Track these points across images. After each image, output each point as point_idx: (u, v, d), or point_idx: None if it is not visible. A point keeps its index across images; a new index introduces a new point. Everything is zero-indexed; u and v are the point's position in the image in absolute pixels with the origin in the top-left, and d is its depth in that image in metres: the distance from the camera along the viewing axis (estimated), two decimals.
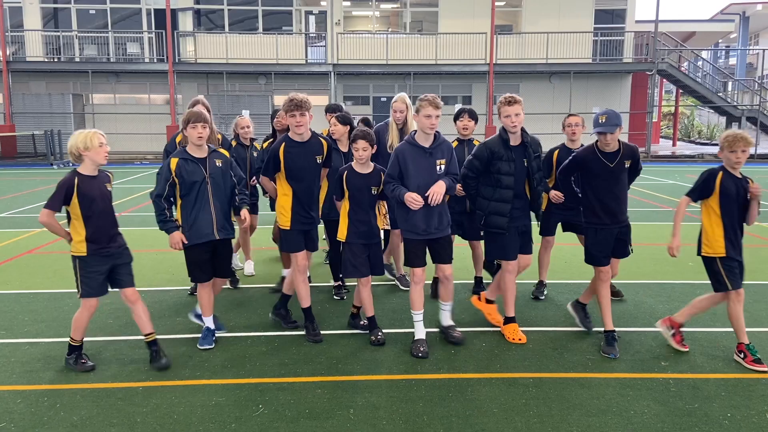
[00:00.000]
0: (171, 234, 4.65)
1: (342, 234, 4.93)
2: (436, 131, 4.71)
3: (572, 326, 5.27)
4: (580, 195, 5.09)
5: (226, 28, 25.56)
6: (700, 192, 4.57)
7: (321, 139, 5.06)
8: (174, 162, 4.64)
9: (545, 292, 6.19)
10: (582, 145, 5.20)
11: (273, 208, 6.05)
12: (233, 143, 6.50)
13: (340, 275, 5.75)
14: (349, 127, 5.82)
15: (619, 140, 4.76)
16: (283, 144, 4.91)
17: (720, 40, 39.35)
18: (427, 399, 3.97)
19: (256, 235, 7.33)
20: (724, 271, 4.50)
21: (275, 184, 5.03)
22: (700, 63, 30.19)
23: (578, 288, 6.36)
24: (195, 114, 4.67)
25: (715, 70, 31.53)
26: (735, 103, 27.24)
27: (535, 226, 5.32)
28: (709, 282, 4.62)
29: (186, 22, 25.49)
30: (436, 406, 3.87)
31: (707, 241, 4.58)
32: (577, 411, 3.81)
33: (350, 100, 26.08)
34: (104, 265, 4.33)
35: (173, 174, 4.62)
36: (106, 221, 4.34)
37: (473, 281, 6.32)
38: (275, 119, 6.77)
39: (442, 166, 4.69)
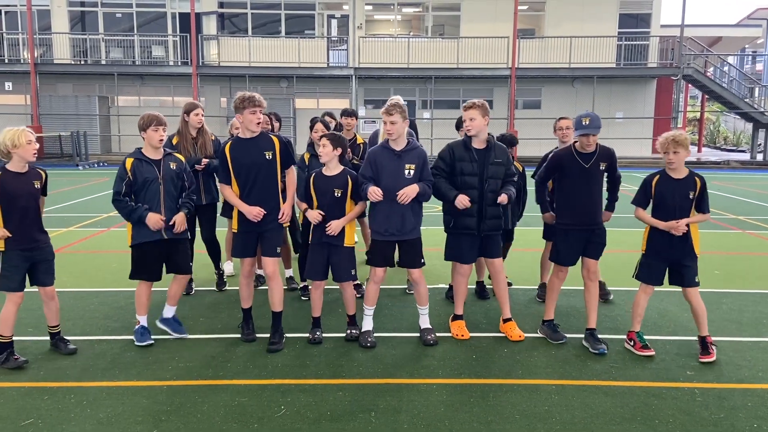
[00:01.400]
0: (147, 217, 4.69)
1: (310, 236, 4.99)
2: (410, 138, 4.90)
3: None
4: (549, 199, 5.39)
5: (249, 32, 25.77)
6: (641, 198, 4.78)
7: (272, 136, 4.90)
8: (129, 162, 4.76)
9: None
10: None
11: (227, 214, 6.01)
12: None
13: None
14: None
15: (596, 143, 4.92)
16: (229, 142, 4.85)
17: (747, 46, 38.67)
18: (448, 404, 3.96)
19: None
20: (640, 265, 4.85)
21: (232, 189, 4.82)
22: (726, 68, 29.74)
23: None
24: (157, 117, 4.77)
25: (742, 75, 31.01)
26: (762, 109, 26.75)
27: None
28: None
29: (210, 26, 25.77)
30: (458, 412, 3.86)
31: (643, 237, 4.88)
32: (600, 419, 3.78)
33: (371, 103, 26.11)
34: (25, 261, 4.44)
35: (128, 173, 4.72)
36: (27, 219, 4.42)
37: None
38: (232, 126, 6.58)
39: (412, 171, 4.80)
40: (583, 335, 5.08)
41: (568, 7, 25.23)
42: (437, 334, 5.08)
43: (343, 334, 5.10)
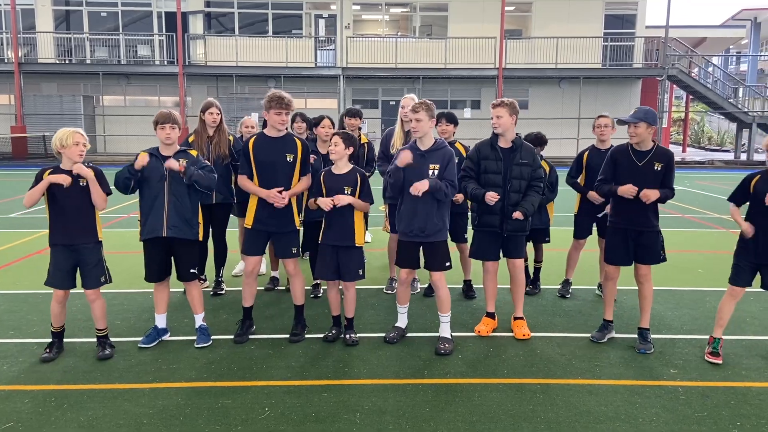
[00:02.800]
0: (135, 161, 4.62)
1: (320, 236, 4.96)
2: (437, 138, 4.89)
3: (580, 332, 5.24)
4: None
5: (236, 31, 25.66)
6: (738, 196, 4.70)
7: (296, 139, 4.90)
8: (143, 154, 4.74)
9: (570, 291, 6.28)
10: (612, 146, 5.26)
11: (242, 214, 5.68)
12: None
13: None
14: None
15: (654, 141, 4.82)
16: (254, 137, 4.85)
17: (731, 46, 39.06)
18: (433, 404, 3.95)
19: None
20: (732, 266, 4.69)
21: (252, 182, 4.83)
22: (710, 69, 30.02)
23: (588, 294, 6.34)
24: (163, 115, 4.75)
25: (726, 75, 31.33)
26: (746, 109, 27.04)
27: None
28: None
29: (196, 25, 25.62)
30: (443, 411, 3.85)
31: None
32: (584, 418, 3.78)
33: (359, 103, 26.09)
34: (67, 260, 4.45)
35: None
36: (67, 216, 4.41)
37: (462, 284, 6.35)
38: (242, 125, 6.72)
39: (435, 171, 4.73)
40: (566, 334, 5.15)
41: (554, 8, 25.37)
42: (425, 335, 5.07)
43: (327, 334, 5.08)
